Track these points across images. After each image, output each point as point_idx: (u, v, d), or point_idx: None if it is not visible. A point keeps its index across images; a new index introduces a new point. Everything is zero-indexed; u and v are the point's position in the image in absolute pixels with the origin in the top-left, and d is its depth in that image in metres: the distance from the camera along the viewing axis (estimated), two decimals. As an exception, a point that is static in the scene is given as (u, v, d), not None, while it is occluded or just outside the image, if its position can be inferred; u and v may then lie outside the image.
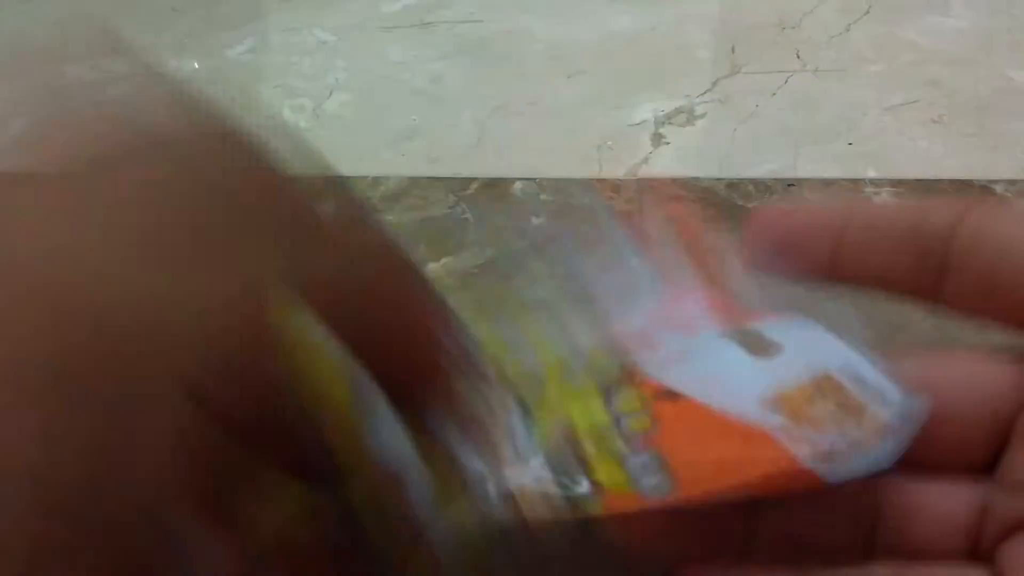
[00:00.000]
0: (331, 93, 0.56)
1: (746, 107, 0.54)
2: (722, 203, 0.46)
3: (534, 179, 0.48)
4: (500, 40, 0.61)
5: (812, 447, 0.20)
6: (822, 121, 0.53)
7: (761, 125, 0.53)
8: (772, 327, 0.23)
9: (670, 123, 0.53)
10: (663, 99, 0.55)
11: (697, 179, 0.48)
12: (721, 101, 0.55)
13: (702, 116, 0.53)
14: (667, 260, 0.24)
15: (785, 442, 0.20)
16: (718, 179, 0.48)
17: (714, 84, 0.56)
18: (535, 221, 0.45)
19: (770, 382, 0.21)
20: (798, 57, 0.59)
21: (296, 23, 0.63)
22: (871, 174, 0.48)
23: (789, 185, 0.47)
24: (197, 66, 0.58)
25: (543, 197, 0.47)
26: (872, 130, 0.52)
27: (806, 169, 0.49)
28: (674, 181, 0.48)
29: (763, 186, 0.47)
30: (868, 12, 0.64)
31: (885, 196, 0.47)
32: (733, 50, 0.60)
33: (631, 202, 0.46)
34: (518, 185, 0.48)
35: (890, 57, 0.59)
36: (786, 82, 0.56)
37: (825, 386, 0.21)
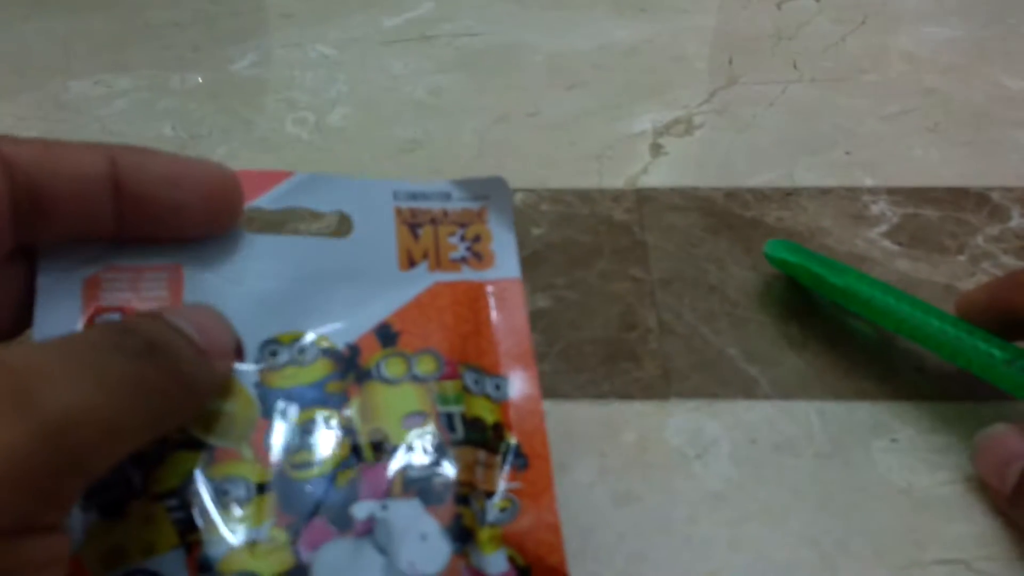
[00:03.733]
0: (333, 106, 0.56)
1: (744, 117, 0.54)
2: (721, 212, 0.47)
3: (534, 190, 0.48)
4: (500, 52, 0.62)
5: (478, 274, 0.28)
6: (819, 130, 0.53)
7: (759, 135, 0.53)
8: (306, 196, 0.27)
9: (668, 134, 0.53)
10: (661, 110, 0.55)
11: (696, 188, 0.48)
12: (719, 111, 0.55)
13: (700, 126, 0.54)
14: None
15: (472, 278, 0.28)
16: (716, 188, 0.48)
17: (712, 95, 0.57)
18: (535, 231, 0.45)
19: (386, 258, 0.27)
20: (795, 68, 0.59)
21: (298, 38, 0.64)
22: (868, 183, 0.49)
23: (787, 194, 0.48)
24: (200, 80, 0.59)
25: (543, 207, 0.47)
26: (869, 139, 0.53)
27: (804, 178, 0.49)
28: (673, 191, 0.48)
29: (761, 195, 0.48)
30: (864, 23, 0.65)
31: (883, 204, 0.47)
32: (730, 61, 0.60)
33: (631, 212, 0.47)
34: (519, 196, 0.48)
35: (886, 67, 0.60)
36: (783, 92, 0.57)
37: (407, 216, 0.28)
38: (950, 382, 0.37)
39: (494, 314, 0.27)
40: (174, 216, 0.24)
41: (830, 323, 0.40)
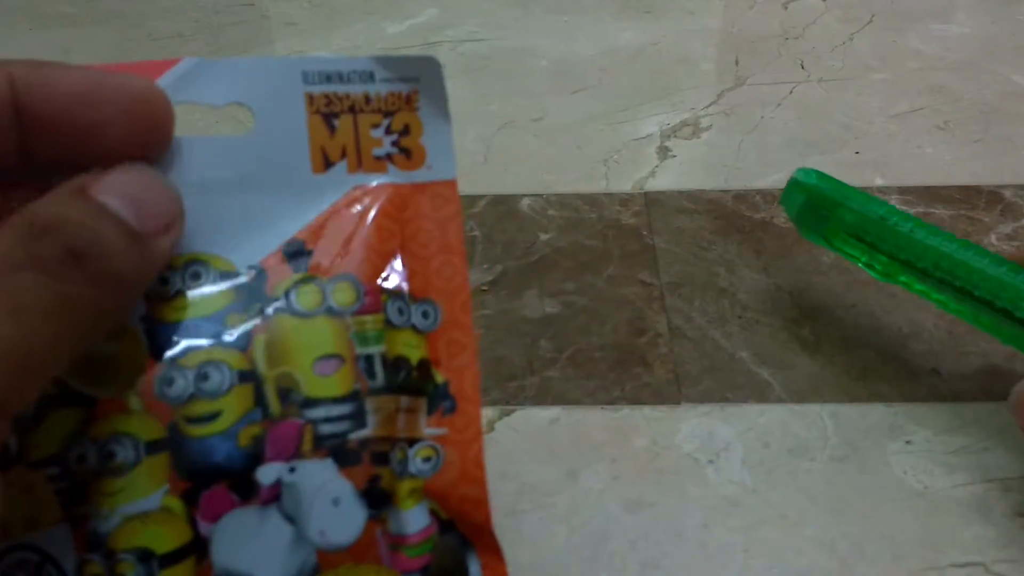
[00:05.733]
0: (338, 114, 0.56)
1: (752, 118, 0.54)
2: (729, 214, 0.46)
3: (542, 195, 0.48)
4: (504, 58, 0.61)
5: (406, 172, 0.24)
6: (828, 130, 0.53)
7: (767, 136, 0.53)
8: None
9: (676, 136, 0.53)
10: (668, 112, 0.55)
11: (704, 191, 0.48)
12: (726, 113, 0.55)
13: (708, 128, 0.53)
14: None
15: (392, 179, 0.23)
16: (725, 191, 0.48)
17: (719, 96, 0.56)
18: (543, 237, 0.45)
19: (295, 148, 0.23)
20: (802, 67, 0.59)
21: (303, 46, 0.63)
22: (879, 182, 0.48)
23: (796, 195, 0.47)
24: (205, 91, 0.58)
25: (551, 213, 0.47)
26: (878, 138, 0.52)
27: (813, 178, 0.49)
28: (681, 193, 0.48)
29: (770, 197, 0.47)
30: (871, 21, 0.64)
31: (894, 203, 0.46)
32: (737, 62, 0.60)
33: (639, 215, 0.46)
34: (526, 201, 0.48)
35: (894, 65, 0.59)
36: (791, 92, 0.56)
37: (320, 104, 0.23)
38: (966, 383, 0.37)
39: (425, 226, 0.24)
40: (90, 140, 0.20)
41: (843, 325, 0.40)
